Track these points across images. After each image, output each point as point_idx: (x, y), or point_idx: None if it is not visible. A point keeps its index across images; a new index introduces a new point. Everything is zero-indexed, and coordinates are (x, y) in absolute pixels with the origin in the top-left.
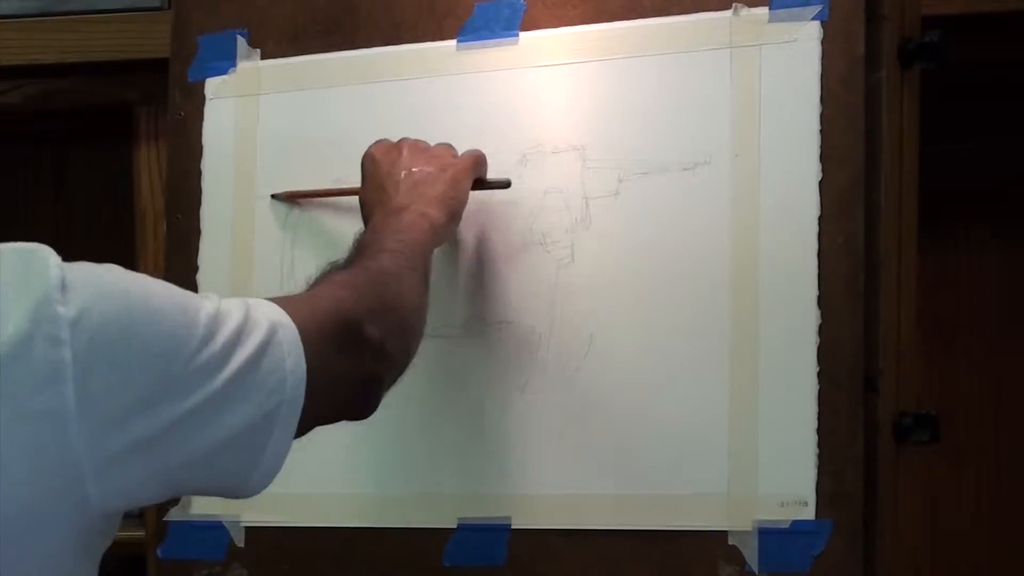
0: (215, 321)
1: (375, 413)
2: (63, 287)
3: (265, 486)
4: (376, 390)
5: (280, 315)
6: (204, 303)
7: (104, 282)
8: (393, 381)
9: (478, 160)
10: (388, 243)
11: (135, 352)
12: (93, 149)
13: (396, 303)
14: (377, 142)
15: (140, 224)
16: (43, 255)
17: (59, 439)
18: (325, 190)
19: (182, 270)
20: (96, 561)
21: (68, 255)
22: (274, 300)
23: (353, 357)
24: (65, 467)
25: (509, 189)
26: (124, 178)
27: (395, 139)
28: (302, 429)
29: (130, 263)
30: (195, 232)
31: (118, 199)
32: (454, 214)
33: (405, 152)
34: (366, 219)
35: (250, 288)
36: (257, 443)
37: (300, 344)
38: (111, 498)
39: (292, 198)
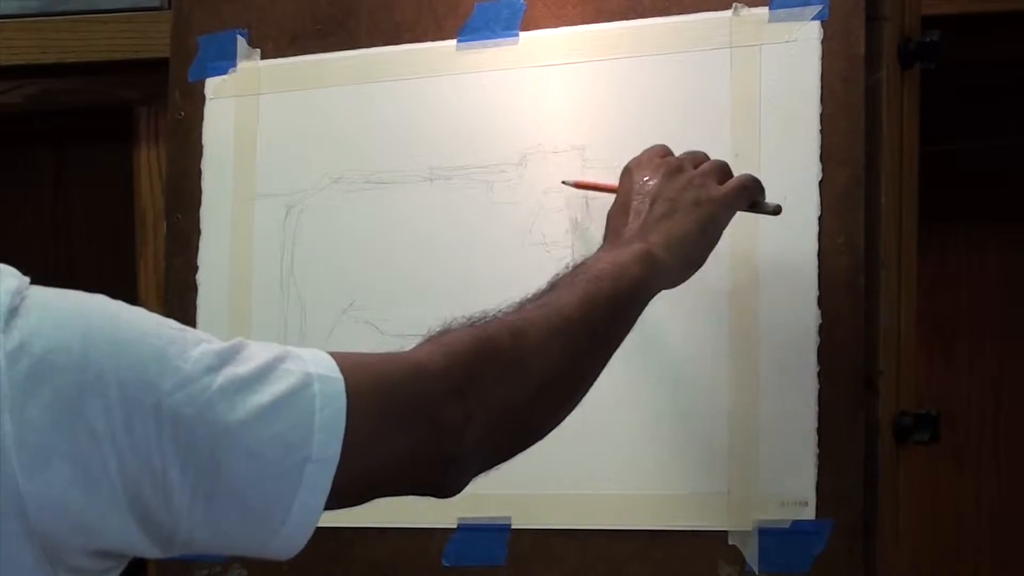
0: (219, 361)
1: None
2: (9, 313)
3: (295, 549)
4: (454, 472)
5: (327, 369)
6: (206, 344)
7: (60, 309)
8: (488, 463)
9: (745, 189)
10: (572, 291)
11: (88, 382)
12: (93, 149)
13: (511, 379)
14: (648, 150)
15: (140, 224)
16: None
17: (1, 470)
18: (610, 185)
19: (182, 270)
20: None
21: (68, 255)
22: (340, 354)
23: (420, 433)
24: (6, 500)
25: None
26: (124, 178)
27: (657, 150)
28: (350, 496)
29: (130, 263)
30: (195, 232)
31: (118, 199)
32: (693, 260)
33: (663, 175)
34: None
35: (250, 288)
36: (274, 502)
37: (342, 401)
38: (67, 534)
39: (580, 187)
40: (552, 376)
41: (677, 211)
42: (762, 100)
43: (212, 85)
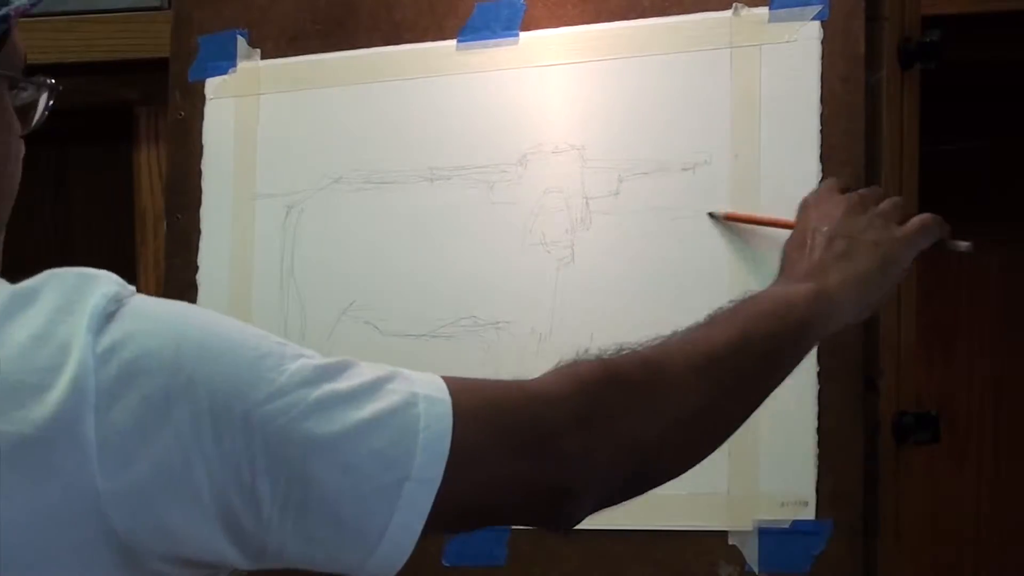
0: (318, 375)
1: None
2: (105, 316)
3: (392, 571)
4: (570, 505)
5: (435, 390)
6: (306, 359)
7: (157, 317)
8: (610, 499)
9: (926, 228)
10: (727, 328)
11: (177, 388)
12: (93, 149)
13: (640, 413)
14: (825, 185)
15: (140, 224)
16: (96, 283)
17: (80, 468)
18: (768, 219)
19: (182, 270)
20: None
21: (68, 256)
22: (452, 378)
23: (534, 461)
24: (83, 498)
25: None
26: (124, 178)
27: (836, 189)
28: (453, 520)
29: (130, 263)
30: (195, 232)
31: (118, 199)
32: (870, 302)
33: (843, 212)
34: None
35: (250, 288)
36: (370, 519)
37: (448, 422)
38: (147, 537)
39: (729, 220)
40: (689, 414)
41: (857, 250)
42: (762, 100)
43: (212, 85)
